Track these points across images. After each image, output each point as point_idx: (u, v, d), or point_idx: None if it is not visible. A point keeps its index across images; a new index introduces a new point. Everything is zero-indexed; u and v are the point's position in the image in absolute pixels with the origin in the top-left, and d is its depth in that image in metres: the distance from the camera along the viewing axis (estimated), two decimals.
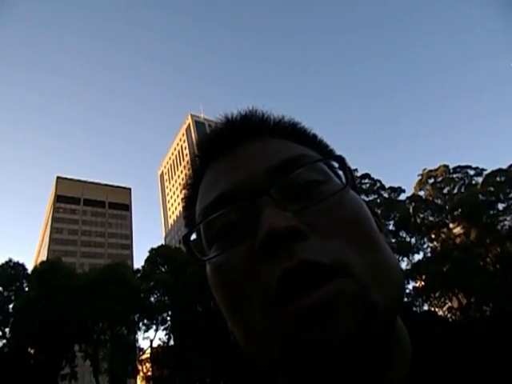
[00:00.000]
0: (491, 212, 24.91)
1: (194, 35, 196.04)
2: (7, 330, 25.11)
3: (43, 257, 54.92)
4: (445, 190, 29.80)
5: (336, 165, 0.46)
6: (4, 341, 25.06)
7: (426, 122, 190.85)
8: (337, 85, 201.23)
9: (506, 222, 24.59)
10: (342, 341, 0.32)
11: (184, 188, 0.52)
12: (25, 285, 27.01)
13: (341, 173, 0.45)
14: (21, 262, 27.89)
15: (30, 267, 28.42)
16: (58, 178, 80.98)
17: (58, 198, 77.18)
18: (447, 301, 26.08)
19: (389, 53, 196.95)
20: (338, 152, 0.50)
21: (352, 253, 0.36)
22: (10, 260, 27.52)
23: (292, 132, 0.49)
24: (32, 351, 25.21)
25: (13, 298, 26.18)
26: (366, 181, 29.24)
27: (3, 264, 27.03)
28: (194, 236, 0.45)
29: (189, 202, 0.51)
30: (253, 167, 0.43)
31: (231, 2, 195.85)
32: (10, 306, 26.02)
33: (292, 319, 0.33)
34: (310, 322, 0.33)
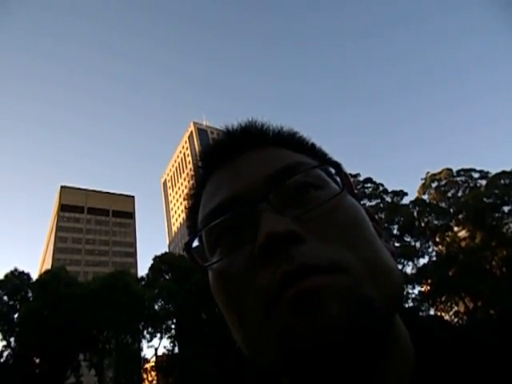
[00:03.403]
0: (496, 215, 24.76)
1: (197, 44, 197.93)
2: (12, 339, 25.12)
3: (48, 266, 54.97)
4: (449, 194, 29.64)
5: (333, 171, 0.47)
6: (9, 350, 25.06)
7: (428, 126, 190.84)
8: (339, 90, 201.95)
9: None
10: (333, 333, 0.32)
11: (186, 198, 0.54)
12: (29, 294, 27.05)
13: (338, 179, 0.46)
14: (26, 271, 28.02)
15: (35, 276, 28.55)
16: (61, 187, 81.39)
17: (62, 207, 77.46)
18: (454, 305, 25.84)
19: (390, 59, 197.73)
20: (339, 157, 0.51)
21: (349, 255, 0.36)
22: (16, 269, 27.61)
23: (291, 141, 0.51)
24: (37, 361, 25.14)
25: (18, 307, 26.22)
26: (369, 185, 29.19)
27: (8, 273, 27.11)
28: (196, 243, 0.46)
29: (191, 211, 0.52)
30: (252, 175, 0.44)
31: (233, 13, 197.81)
32: (16, 315, 26.06)
33: (284, 311, 0.34)
34: (300, 312, 0.33)
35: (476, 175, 29.33)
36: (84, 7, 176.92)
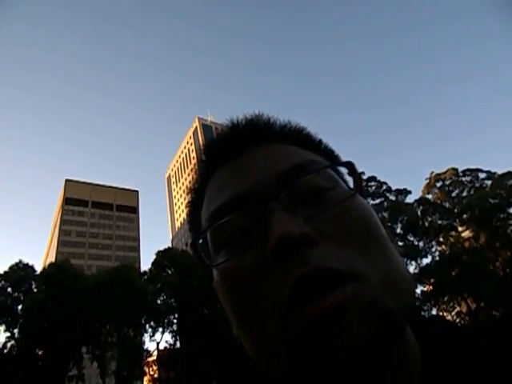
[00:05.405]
0: (501, 215, 24.58)
1: (203, 41, 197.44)
2: (16, 331, 25.35)
3: (52, 259, 55.36)
4: (453, 194, 29.47)
5: (343, 170, 0.45)
6: (12, 342, 25.30)
7: (434, 126, 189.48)
8: (345, 90, 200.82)
9: None
10: (354, 352, 0.31)
11: (189, 193, 0.52)
12: (33, 286, 27.26)
13: (349, 178, 0.45)
14: (30, 263, 28.25)
15: (39, 269, 28.75)
16: (66, 180, 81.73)
17: (67, 201, 77.79)
18: (456, 305, 25.77)
19: (398, 60, 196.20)
20: (344, 157, 0.50)
21: (364, 261, 0.35)
22: (20, 261, 27.82)
23: (298, 137, 0.48)
24: (40, 353, 25.38)
25: (22, 299, 26.43)
26: (372, 183, 29.07)
27: (13, 265, 27.32)
28: (200, 240, 0.44)
29: (194, 207, 0.50)
30: (261, 172, 0.42)
31: (238, 10, 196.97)
32: (19, 307, 26.29)
33: (302, 327, 0.32)
34: (320, 331, 0.32)
35: (482, 175, 29.18)
36: (91, 3, 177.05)
